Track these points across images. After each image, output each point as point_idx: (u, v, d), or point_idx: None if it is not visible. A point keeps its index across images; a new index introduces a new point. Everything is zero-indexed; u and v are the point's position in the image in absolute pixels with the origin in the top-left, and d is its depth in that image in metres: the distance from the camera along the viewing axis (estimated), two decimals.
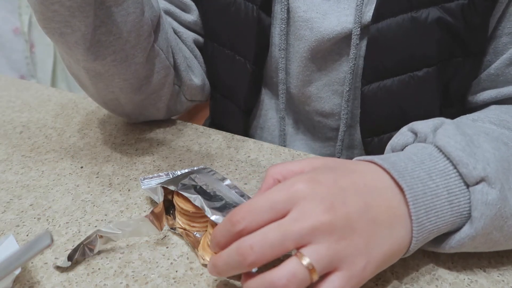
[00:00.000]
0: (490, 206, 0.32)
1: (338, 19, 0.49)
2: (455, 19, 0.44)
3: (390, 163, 0.34)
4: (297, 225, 0.29)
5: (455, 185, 0.33)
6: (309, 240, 0.29)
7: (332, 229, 0.29)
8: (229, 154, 0.52)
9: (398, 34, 0.46)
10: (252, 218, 0.30)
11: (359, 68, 0.50)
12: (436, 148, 0.35)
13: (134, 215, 0.42)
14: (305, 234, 0.29)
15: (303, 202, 0.30)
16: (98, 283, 0.35)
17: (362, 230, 0.30)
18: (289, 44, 0.53)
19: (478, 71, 0.49)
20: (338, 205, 0.30)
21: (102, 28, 0.42)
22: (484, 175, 0.32)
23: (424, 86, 0.48)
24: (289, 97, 0.58)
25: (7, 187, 0.46)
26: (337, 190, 0.31)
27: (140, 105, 0.53)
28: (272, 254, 0.29)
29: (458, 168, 0.33)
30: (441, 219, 0.33)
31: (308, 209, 0.30)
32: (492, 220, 0.32)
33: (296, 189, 0.30)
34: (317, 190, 0.30)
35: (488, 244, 0.35)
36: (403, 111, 0.50)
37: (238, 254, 0.29)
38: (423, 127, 0.37)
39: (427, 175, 0.33)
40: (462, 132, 0.35)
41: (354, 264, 0.30)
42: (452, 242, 0.34)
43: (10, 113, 0.62)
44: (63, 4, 0.37)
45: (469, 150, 0.33)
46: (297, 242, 0.29)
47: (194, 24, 0.59)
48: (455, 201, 0.33)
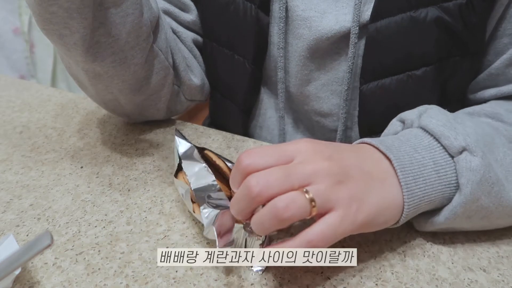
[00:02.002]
0: (475, 171, 0.35)
1: (336, 18, 0.49)
2: (453, 19, 0.44)
3: (378, 141, 0.38)
4: (300, 166, 0.33)
5: (440, 157, 0.36)
6: (310, 180, 0.32)
7: (330, 173, 0.33)
8: (229, 154, 0.52)
9: (397, 33, 0.46)
10: (259, 159, 0.33)
11: (358, 67, 0.50)
12: (420, 129, 0.38)
13: (134, 215, 0.42)
14: (307, 174, 0.32)
15: (306, 153, 0.34)
16: (98, 283, 0.35)
17: (357, 178, 0.34)
18: (288, 43, 0.53)
19: (476, 71, 0.50)
20: (336, 156, 0.34)
21: (101, 30, 0.42)
22: (465, 144, 0.35)
23: (422, 85, 0.48)
24: (288, 96, 0.58)
25: (7, 187, 0.46)
26: (334, 148, 0.35)
27: (140, 105, 0.53)
28: (277, 188, 0.31)
29: (441, 141, 0.36)
30: (430, 186, 0.35)
31: (310, 156, 0.34)
32: (479, 185, 0.35)
33: (301, 144, 0.34)
34: (317, 147, 0.34)
35: (480, 213, 0.37)
36: (401, 109, 0.50)
37: (245, 187, 0.32)
38: (409, 115, 0.41)
39: (413, 149, 0.36)
40: (444, 113, 0.39)
41: (348, 206, 0.32)
42: (446, 212, 0.37)
43: (10, 113, 0.62)
44: (61, 5, 0.37)
45: (450, 125, 0.37)
46: (299, 181, 0.32)
47: (193, 24, 0.59)
48: (442, 170, 0.36)
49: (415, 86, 0.48)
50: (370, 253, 0.38)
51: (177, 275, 0.36)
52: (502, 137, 0.39)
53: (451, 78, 0.49)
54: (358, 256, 0.35)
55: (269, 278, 0.36)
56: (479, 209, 0.36)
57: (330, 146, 0.35)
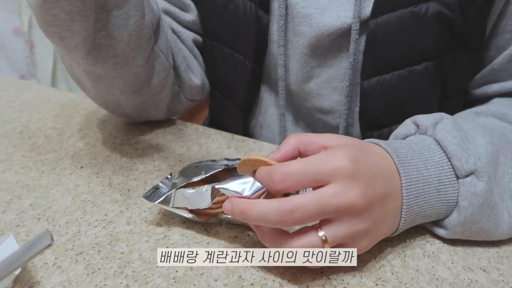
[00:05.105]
0: (478, 196, 0.36)
1: (337, 14, 0.49)
2: (454, 13, 0.45)
3: (393, 149, 0.37)
4: (335, 200, 0.31)
5: (446, 176, 0.36)
6: (336, 217, 0.32)
7: (358, 213, 0.32)
8: (229, 154, 0.52)
9: (398, 29, 0.46)
10: (292, 182, 0.32)
11: (359, 63, 0.50)
12: (434, 141, 0.38)
13: (134, 215, 0.42)
14: (339, 210, 0.32)
15: (344, 181, 0.32)
16: (98, 283, 0.35)
17: (377, 218, 0.34)
18: (288, 41, 0.53)
19: (476, 66, 0.51)
20: (370, 191, 0.33)
21: (103, 32, 0.42)
22: (474, 169, 0.36)
23: (423, 80, 0.49)
24: (289, 94, 0.58)
25: (7, 187, 0.46)
26: (370, 175, 0.33)
27: (140, 106, 0.53)
28: (308, 221, 0.32)
29: (452, 161, 0.36)
30: (428, 204, 0.36)
31: (348, 188, 0.32)
32: (480, 209, 0.36)
33: (340, 166, 0.32)
34: (356, 172, 0.32)
35: (481, 234, 0.38)
36: (402, 105, 0.50)
37: (278, 214, 0.31)
38: (424, 121, 0.40)
39: (423, 165, 0.36)
40: (459, 128, 0.38)
41: (359, 244, 0.34)
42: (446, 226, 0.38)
43: (10, 113, 0.62)
44: (63, 8, 0.37)
45: (463, 146, 0.36)
46: (331, 215, 0.32)
47: (193, 24, 0.59)
48: (443, 190, 0.36)
49: (416, 81, 0.49)
50: (370, 253, 0.38)
51: (177, 275, 0.36)
52: (506, 150, 0.39)
53: (452, 73, 0.49)
54: (358, 256, 0.35)
55: (269, 278, 0.36)
56: (480, 230, 0.37)
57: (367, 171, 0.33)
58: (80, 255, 0.38)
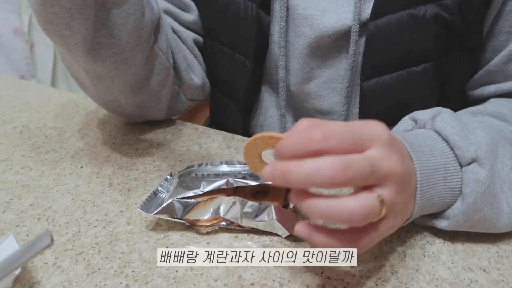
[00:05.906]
0: (480, 183, 0.36)
1: (337, 16, 0.49)
2: (452, 15, 0.45)
3: (401, 136, 0.36)
4: (382, 163, 0.29)
5: (451, 164, 0.37)
6: (381, 182, 0.30)
7: (400, 181, 0.31)
8: (229, 154, 0.52)
9: (397, 31, 0.47)
10: (334, 142, 0.28)
11: (358, 65, 0.51)
12: (435, 132, 0.38)
13: (134, 215, 0.42)
14: (385, 174, 0.29)
15: (384, 147, 0.30)
16: (98, 283, 0.35)
17: (408, 191, 0.33)
18: (289, 42, 0.54)
19: (475, 67, 0.51)
20: (405, 162, 0.32)
21: (103, 30, 0.42)
22: (475, 156, 0.36)
23: (422, 81, 0.49)
24: (289, 94, 0.58)
25: (7, 187, 0.46)
26: (401, 147, 0.33)
27: (140, 106, 0.53)
28: (358, 183, 0.29)
29: (454, 150, 0.37)
30: (436, 191, 0.36)
31: (389, 154, 0.30)
32: (483, 196, 0.36)
33: (381, 132, 0.30)
34: (393, 140, 0.31)
35: (483, 223, 0.38)
36: (401, 106, 0.51)
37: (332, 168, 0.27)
38: (422, 115, 0.40)
39: (430, 152, 0.36)
40: (458, 118, 0.38)
41: (395, 218, 0.32)
42: (445, 224, 0.38)
43: (10, 113, 0.62)
44: (62, 6, 0.37)
45: (463, 135, 0.37)
46: (378, 179, 0.29)
47: (194, 24, 0.59)
48: (449, 177, 0.36)
49: (415, 83, 0.49)
50: (370, 253, 0.38)
51: (177, 275, 0.36)
52: (504, 143, 0.40)
53: (450, 74, 0.49)
54: (358, 256, 0.35)
55: (269, 278, 0.36)
56: (482, 220, 0.37)
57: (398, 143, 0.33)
58: (80, 255, 0.38)
